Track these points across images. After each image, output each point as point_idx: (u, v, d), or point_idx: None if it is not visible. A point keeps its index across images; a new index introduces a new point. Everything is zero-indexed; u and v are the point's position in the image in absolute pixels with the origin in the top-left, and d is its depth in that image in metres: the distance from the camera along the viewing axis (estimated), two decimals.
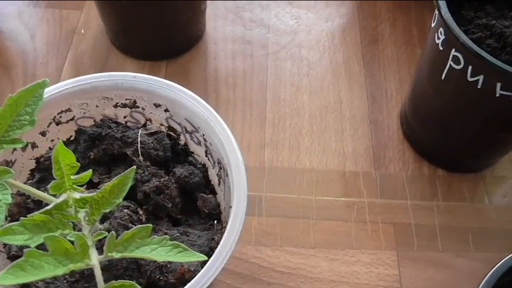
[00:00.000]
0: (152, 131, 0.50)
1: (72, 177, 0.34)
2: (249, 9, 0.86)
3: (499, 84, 0.54)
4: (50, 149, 0.50)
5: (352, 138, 0.73)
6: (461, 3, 0.65)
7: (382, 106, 0.77)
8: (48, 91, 0.45)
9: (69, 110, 0.48)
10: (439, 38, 0.59)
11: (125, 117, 0.51)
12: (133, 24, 0.73)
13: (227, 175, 0.44)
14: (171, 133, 0.51)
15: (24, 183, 0.48)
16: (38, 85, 0.39)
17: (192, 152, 0.51)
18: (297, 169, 0.70)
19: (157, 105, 0.49)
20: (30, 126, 0.38)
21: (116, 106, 0.50)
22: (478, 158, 0.70)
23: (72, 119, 0.49)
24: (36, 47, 0.80)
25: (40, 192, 0.38)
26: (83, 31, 0.82)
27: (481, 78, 0.55)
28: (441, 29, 0.57)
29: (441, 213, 0.68)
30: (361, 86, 0.79)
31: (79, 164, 0.35)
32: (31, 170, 0.49)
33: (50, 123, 0.48)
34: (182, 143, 0.51)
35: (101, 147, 0.49)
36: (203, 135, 0.47)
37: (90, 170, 0.36)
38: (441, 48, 0.58)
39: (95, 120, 0.50)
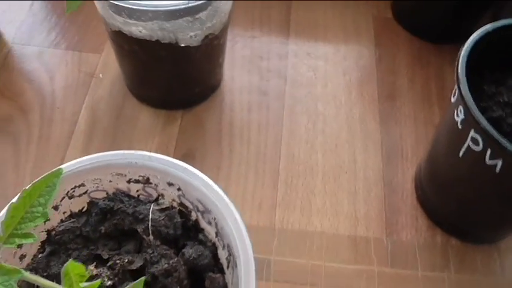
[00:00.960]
0: (164, 206, 0.50)
1: (81, 284, 0.34)
2: (266, 59, 0.86)
3: None
4: (62, 221, 0.50)
5: (365, 201, 0.73)
6: (483, 73, 0.64)
7: (397, 167, 0.76)
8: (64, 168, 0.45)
9: (82, 185, 0.48)
10: (458, 116, 0.58)
11: (137, 191, 0.51)
12: (150, 76, 0.73)
13: (236, 265, 0.43)
14: (183, 209, 0.51)
15: (35, 255, 0.48)
16: (52, 174, 0.39)
17: (203, 229, 0.51)
18: (307, 232, 0.69)
19: (170, 184, 0.48)
20: (42, 218, 0.38)
21: (129, 182, 0.49)
22: (494, 230, 0.69)
23: (85, 193, 0.49)
24: (54, 89, 0.81)
25: (50, 283, 0.38)
26: (101, 75, 0.82)
27: (499, 162, 0.54)
28: (461, 108, 0.57)
29: (452, 285, 0.66)
30: (376, 145, 0.78)
31: (87, 275, 0.35)
32: (42, 242, 0.49)
33: (63, 197, 0.48)
34: (193, 219, 0.51)
35: (112, 222, 0.49)
36: (214, 218, 0.47)
37: (99, 280, 0.36)
38: (460, 127, 0.58)
39: (107, 193, 0.50)
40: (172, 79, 0.73)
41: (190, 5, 0.58)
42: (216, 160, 0.75)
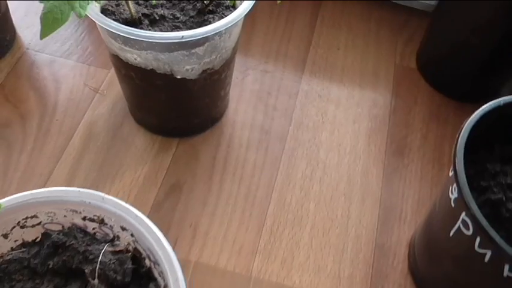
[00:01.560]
0: (118, 249, 0.47)
1: None
2: (275, 96, 0.83)
3: (507, 266, 0.48)
4: (12, 249, 0.48)
5: (352, 262, 0.68)
6: (493, 146, 0.59)
7: (393, 229, 0.71)
8: (13, 199, 0.43)
9: (35, 216, 0.47)
10: (452, 193, 0.53)
11: (94, 228, 0.48)
12: (146, 102, 0.72)
13: None
14: (137, 255, 0.48)
15: None
16: None
17: (156, 279, 0.48)
18: (284, 286, 0.66)
19: (123, 228, 0.46)
20: None
21: (84, 219, 0.47)
22: None
23: (38, 224, 0.47)
24: (58, 101, 0.80)
25: None
26: (105, 92, 0.81)
27: (488, 253, 0.49)
28: (455, 186, 0.52)
29: None
30: (374, 202, 0.73)
31: None
32: None
33: (14, 227, 0.46)
34: (147, 266, 0.48)
35: (61, 258, 0.47)
36: (162, 272, 0.44)
37: None
38: (453, 205, 0.53)
39: (63, 227, 0.48)
40: (169, 108, 0.71)
41: (184, 40, 0.56)
42: (203, 195, 0.72)
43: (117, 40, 0.59)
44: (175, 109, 0.71)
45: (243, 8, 0.60)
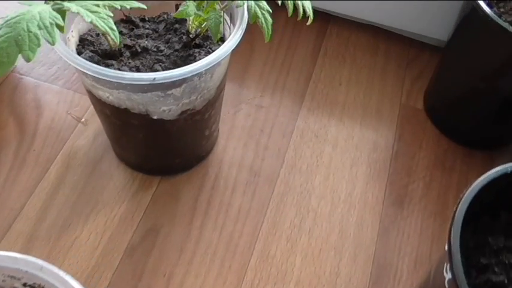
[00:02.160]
0: None
1: None
2: (268, 134, 0.78)
3: None
4: None
5: None
6: (499, 213, 0.53)
7: None
8: None
9: None
10: (446, 273, 0.47)
11: None
12: (124, 140, 0.67)
13: None
14: None
15: None
16: None
17: None
18: None
19: None
20: None
21: (24, 285, 0.42)
22: None
23: None
24: (38, 129, 0.76)
25: None
26: (87, 122, 0.77)
27: None
28: (449, 265, 0.46)
29: None
30: (367, 258, 0.67)
31: None
32: None
33: None
34: None
35: None
36: None
37: None
38: (446, 287, 0.47)
39: None
40: (147, 146, 0.66)
41: (156, 82, 0.51)
42: (181, 241, 0.67)
43: (87, 77, 0.54)
44: (154, 148, 0.66)
45: (226, 48, 0.54)
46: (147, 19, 0.70)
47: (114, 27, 0.45)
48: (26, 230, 0.66)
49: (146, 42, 0.65)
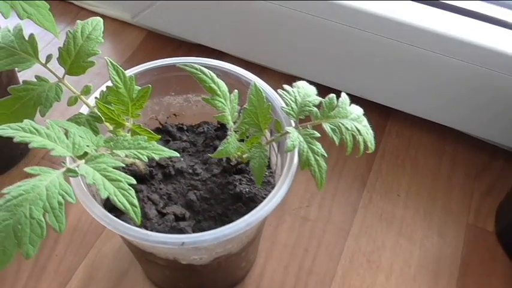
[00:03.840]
0: None
1: None
2: (313, 254, 0.69)
3: None
4: None
5: None
6: None
7: None
8: None
9: None
10: None
11: None
12: (150, 269, 0.60)
13: None
14: None
15: None
16: None
17: None
18: None
19: None
20: None
21: None
22: None
23: None
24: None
25: None
26: None
27: None
28: None
29: None
30: None
31: None
32: None
33: None
34: None
35: None
36: None
37: None
38: None
39: None
40: (175, 281, 0.59)
41: (184, 247, 0.43)
42: None
43: None
44: (183, 282, 0.59)
45: (270, 206, 0.46)
46: (185, 128, 0.63)
47: (136, 201, 0.38)
48: None
49: (181, 161, 0.58)
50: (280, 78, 0.86)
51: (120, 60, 0.89)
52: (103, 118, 0.47)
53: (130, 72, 0.55)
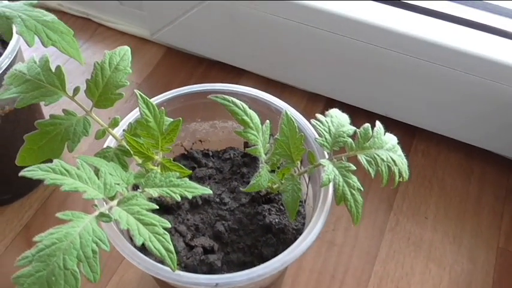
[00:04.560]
0: None
1: None
2: (340, 281, 0.67)
3: None
4: None
5: None
6: None
7: None
8: None
9: None
10: None
11: None
12: None
13: None
14: None
15: None
16: None
17: None
18: None
19: None
20: None
21: None
22: None
23: None
24: None
25: None
26: None
27: None
28: None
29: None
30: None
31: None
32: None
33: None
34: None
35: None
36: None
37: None
38: None
39: None
40: None
41: (219, 283, 0.42)
42: None
43: None
44: None
45: (303, 246, 0.45)
46: (211, 154, 0.61)
47: (172, 247, 0.36)
48: None
49: (208, 187, 0.56)
50: (302, 97, 0.84)
51: (140, 78, 0.88)
52: (132, 152, 0.46)
53: (157, 100, 0.54)
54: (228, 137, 0.61)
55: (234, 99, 0.46)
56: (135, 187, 0.46)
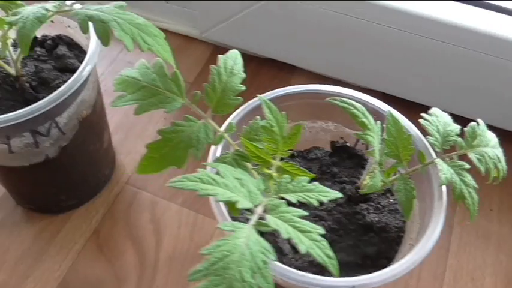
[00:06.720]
0: None
1: None
2: (416, 274, 0.68)
3: None
4: None
5: None
6: None
7: None
8: None
9: None
10: None
11: None
12: None
13: None
14: None
15: None
16: None
17: None
18: None
19: None
20: None
21: None
22: None
23: None
24: (159, 259, 0.69)
25: None
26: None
27: None
28: None
29: None
30: None
31: None
32: None
33: None
34: None
35: None
36: None
37: None
38: None
39: None
40: None
41: (355, 286, 0.42)
42: None
43: None
44: None
45: (433, 239, 0.45)
46: (295, 154, 0.61)
47: (332, 253, 0.37)
48: None
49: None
50: None
51: (190, 77, 0.87)
52: (250, 156, 0.45)
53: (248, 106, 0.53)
54: (315, 137, 0.61)
55: (354, 103, 0.46)
56: None
